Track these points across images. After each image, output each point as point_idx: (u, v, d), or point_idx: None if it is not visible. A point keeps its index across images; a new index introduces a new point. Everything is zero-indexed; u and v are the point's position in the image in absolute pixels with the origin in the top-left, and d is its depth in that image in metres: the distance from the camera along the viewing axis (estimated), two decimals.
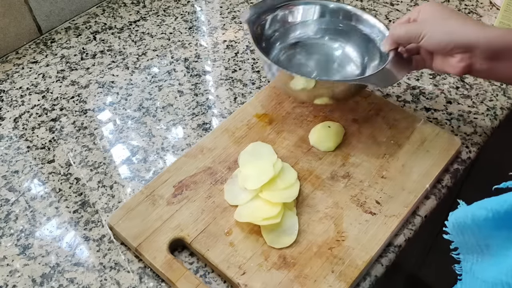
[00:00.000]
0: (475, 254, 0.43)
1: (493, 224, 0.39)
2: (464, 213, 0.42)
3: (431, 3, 0.58)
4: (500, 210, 0.38)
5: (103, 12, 0.94)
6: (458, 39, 0.53)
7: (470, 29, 0.53)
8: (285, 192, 0.60)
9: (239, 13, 0.92)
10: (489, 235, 0.40)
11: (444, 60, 0.57)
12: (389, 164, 0.64)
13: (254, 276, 0.55)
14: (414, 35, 0.56)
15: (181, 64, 0.83)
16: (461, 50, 0.53)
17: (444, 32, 0.54)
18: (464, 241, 0.43)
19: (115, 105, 0.77)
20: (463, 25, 0.53)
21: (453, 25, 0.54)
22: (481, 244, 0.41)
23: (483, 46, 0.52)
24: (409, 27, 0.57)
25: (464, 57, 0.54)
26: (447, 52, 0.55)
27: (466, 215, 0.42)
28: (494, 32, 0.52)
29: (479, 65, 0.54)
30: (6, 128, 0.74)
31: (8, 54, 0.86)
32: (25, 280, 0.57)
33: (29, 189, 0.66)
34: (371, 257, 0.56)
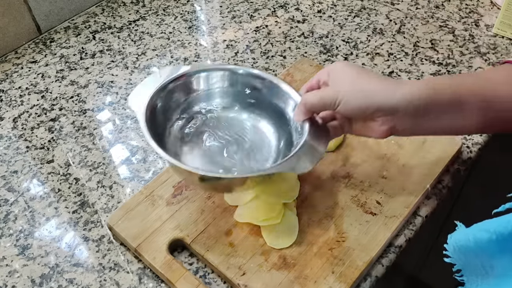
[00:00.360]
0: (479, 276, 0.42)
1: (497, 246, 0.38)
2: (465, 236, 0.41)
3: (340, 63, 0.53)
4: (504, 232, 0.37)
5: (103, 11, 0.94)
6: (377, 103, 0.48)
7: (388, 91, 0.48)
8: (285, 193, 0.59)
9: (238, 13, 0.92)
10: (494, 256, 0.39)
11: (364, 124, 0.52)
12: (390, 164, 0.64)
13: (254, 276, 0.54)
14: (329, 102, 0.50)
15: (180, 64, 0.83)
16: (381, 114, 0.49)
17: (361, 97, 0.49)
18: (467, 263, 0.41)
19: (114, 105, 0.77)
20: (380, 86, 0.49)
21: (369, 88, 0.49)
22: (486, 265, 0.40)
23: (404, 108, 0.48)
24: (322, 94, 0.51)
25: (386, 120, 0.49)
26: (366, 116, 0.50)
27: (467, 238, 0.40)
28: (413, 90, 0.48)
29: (401, 126, 0.50)
30: (5, 128, 0.74)
31: (7, 54, 0.86)
32: (24, 280, 0.57)
33: (28, 189, 0.66)
34: (372, 258, 0.56)
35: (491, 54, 0.82)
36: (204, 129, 0.62)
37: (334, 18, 0.90)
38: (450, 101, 0.48)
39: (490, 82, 0.48)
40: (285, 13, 0.92)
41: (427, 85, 0.48)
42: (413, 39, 0.85)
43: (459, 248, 0.41)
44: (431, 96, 0.47)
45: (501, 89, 0.48)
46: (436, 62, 0.81)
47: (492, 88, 0.48)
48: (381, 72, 0.79)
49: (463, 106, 0.48)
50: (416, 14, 0.90)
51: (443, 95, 0.48)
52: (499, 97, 0.47)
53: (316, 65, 0.78)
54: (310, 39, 0.86)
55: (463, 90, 0.48)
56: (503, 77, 0.48)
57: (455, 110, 0.48)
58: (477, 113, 0.48)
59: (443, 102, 0.48)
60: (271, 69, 0.81)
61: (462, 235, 0.41)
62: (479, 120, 0.49)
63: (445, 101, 0.48)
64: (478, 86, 0.48)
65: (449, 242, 0.42)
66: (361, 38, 0.86)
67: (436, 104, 0.47)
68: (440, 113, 0.48)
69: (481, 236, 0.39)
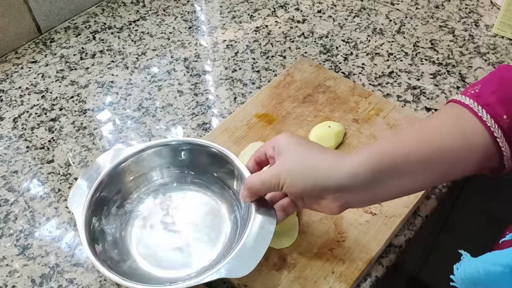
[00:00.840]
0: None
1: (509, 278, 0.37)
2: (475, 268, 0.39)
3: (284, 136, 0.50)
4: None
5: (103, 11, 0.94)
6: (323, 182, 0.46)
7: (332, 168, 0.46)
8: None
9: (239, 13, 0.92)
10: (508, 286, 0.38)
11: (315, 202, 0.49)
12: None
13: (254, 276, 0.54)
14: (273, 185, 0.48)
15: (180, 64, 0.83)
16: (329, 192, 0.46)
17: (305, 177, 0.47)
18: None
19: (114, 105, 0.77)
20: (324, 164, 0.46)
21: (313, 165, 0.47)
22: None
23: (350, 184, 0.45)
24: (264, 177, 0.49)
25: (336, 198, 0.46)
26: (314, 196, 0.48)
27: (477, 271, 0.39)
28: (355, 166, 0.45)
29: (353, 200, 0.47)
30: (5, 128, 0.74)
31: (7, 54, 0.86)
32: (24, 280, 0.57)
33: (28, 189, 0.66)
34: (372, 258, 0.56)
35: (491, 54, 0.82)
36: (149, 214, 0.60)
37: (334, 18, 0.90)
38: (392, 170, 0.45)
39: (433, 138, 0.46)
40: (285, 13, 0.92)
41: (368, 158, 0.45)
42: (413, 39, 0.85)
43: (469, 279, 0.40)
44: (374, 169, 0.45)
45: (444, 144, 0.45)
46: (436, 62, 0.81)
47: (435, 145, 0.45)
48: (381, 72, 0.79)
49: (404, 174, 0.45)
50: (416, 14, 0.90)
51: (384, 166, 0.45)
52: (441, 156, 0.45)
53: (316, 65, 0.78)
54: (310, 39, 0.86)
55: (401, 158, 0.45)
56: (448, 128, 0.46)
57: (399, 177, 0.45)
58: (421, 175, 0.46)
59: (387, 172, 0.45)
60: (271, 69, 0.81)
61: (471, 266, 0.40)
62: (425, 181, 0.47)
63: (387, 171, 0.45)
64: (420, 150, 0.46)
65: (456, 273, 0.41)
66: (361, 38, 0.86)
67: (379, 176, 0.45)
68: (387, 183, 0.46)
69: (493, 269, 0.38)
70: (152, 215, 0.59)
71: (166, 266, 0.55)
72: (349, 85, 0.74)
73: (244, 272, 0.48)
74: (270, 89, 0.74)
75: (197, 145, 0.60)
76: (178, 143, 0.60)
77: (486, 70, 0.79)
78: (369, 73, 0.79)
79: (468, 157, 0.45)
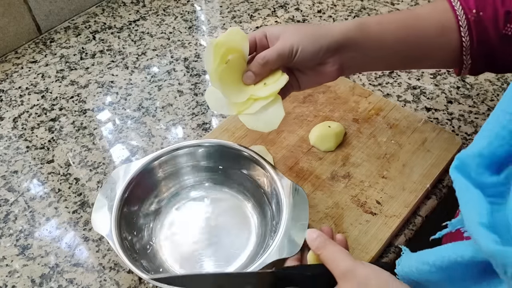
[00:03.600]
0: None
1: (437, 276, 0.39)
2: (408, 266, 0.42)
3: (272, 26, 0.55)
4: (442, 265, 0.38)
5: (103, 11, 0.94)
6: (326, 43, 0.52)
7: (329, 31, 0.52)
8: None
9: (239, 13, 0.92)
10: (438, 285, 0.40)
11: (313, 73, 0.54)
12: (390, 164, 0.64)
13: None
14: (287, 53, 0.52)
15: (180, 64, 0.83)
16: (330, 54, 0.52)
17: (313, 41, 0.52)
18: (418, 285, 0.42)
19: (114, 105, 0.77)
20: (322, 29, 0.53)
21: (315, 32, 0.52)
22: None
23: (345, 40, 0.52)
24: (279, 49, 0.52)
25: (335, 60, 0.53)
26: (319, 59, 0.53)
27: (411, 269, 0.41)
28: (350, 25, 0.53)
29: (348, 61, 0.54)
30: (5, 128, 0.74)
31: (7, 54, 0.86)
32: (24, 280, 0.57)
33: (28, 189, 0.66)
34: (372, 258, 0.56)
35: None
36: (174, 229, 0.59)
37: (334, 18, 0.90)
38: (373, 30, 0.53)
39: (411, 14, 0.55)
40: (285, 13, 0.92)
41: (355, 21, 0.54)
42: None
43: (407, 275, 0.42)
44: (360, 28, 0.53)
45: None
46: None
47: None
48: (381, 72, 0.79)
49: (385, 44, 0.54)
50: None
51: (369, 30, 0.53)
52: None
53: None
54: None
55: (385, 30, 0.54)
56: (427, 11, 0.55)
57: (380, 38, 0.54)
58: (395, 42, 0.54)
59: (371, 36, 0.53)
60: None
61: (407, 263, 0.42)
62: (397, 51, 0.55)
63: (369, 30, 0.53)
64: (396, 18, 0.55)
65: (397, 269, 0.43)
66: None
67: (364, 34, 0.53)
68: (370, 43, 0.53)
69: (423, 268, 0.40)
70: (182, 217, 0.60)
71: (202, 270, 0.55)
72: (349, 85, 0.74)
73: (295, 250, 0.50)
74: None
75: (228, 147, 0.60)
76: (210, 144, 0.61)
77: None
78: (369, 73, 0.79)
79: (438, 41, 0.53)
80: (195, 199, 0.62)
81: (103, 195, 0.55)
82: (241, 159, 0.59)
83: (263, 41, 0.54)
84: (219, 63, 0.52)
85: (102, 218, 0.54)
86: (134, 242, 0.56)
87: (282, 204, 0.53)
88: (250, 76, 0.54)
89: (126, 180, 0.56)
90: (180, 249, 0.57)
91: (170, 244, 0.58)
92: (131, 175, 0.57)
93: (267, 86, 0.53)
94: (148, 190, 0.60)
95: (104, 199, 0.55)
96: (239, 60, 0.54)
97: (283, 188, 0.55)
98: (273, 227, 0.55)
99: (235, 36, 0.53)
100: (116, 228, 0.53)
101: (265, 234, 0.57)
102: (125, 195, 0.56)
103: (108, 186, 0.56)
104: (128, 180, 0.56)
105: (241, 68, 0.54)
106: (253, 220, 0.59)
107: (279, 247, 0.50)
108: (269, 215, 0.57)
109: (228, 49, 0.52)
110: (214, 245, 0.57)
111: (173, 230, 0.59)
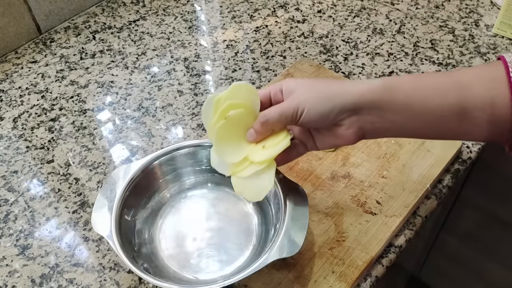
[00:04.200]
0: None
1: None
2: None
3: (291, 79, 0.49)
4: None
5: (103, 11, 0.94)
6: (340, 103, 0.45)
7: (347, 89, 0.46)
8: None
9: (239, 13, 0.92)
10: None
11: (329, 133, 0.48)
12: (390, 164, 0.64)
13: (254, 276, 0.54)
14: (290, 115, 0.47)
15: (180, 64, 0.83)
16: (346, 115, 0.46)
17: (323, 101, 0.46)
18: None
19: (114, 105, 0.77)
20: (339, 88, 0.46)
21: (328, 91, 0.47)
22: None
23: (366, 103, 0.45)
24: (282, 108, 0.48)
25: (352, 122, 0.46)
26: (331, 121, 0.47)
27: None
28: (373, 85, 0.46)
29: (369, 125, 0.47)
30: (5, 128, 0.74)
31: (7, 54, 0.86)
32: (24, 280, 0.57)
33: (28, 189, 0.66)
34: (372, 258, 0.56)
35: (491, 54, 0.82)
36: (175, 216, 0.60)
37: (334, 18, 0.90)
38: (403, 101, 0.45)
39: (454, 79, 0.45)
40: (285, 13, 0.92)
41: (381, 80, 0.46)
42: (413, 39, 0.85)
43: None
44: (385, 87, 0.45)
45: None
46: (436, 62, 0.81)
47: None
48: (381, 72, 0.79)
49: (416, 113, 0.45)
50: (416, 14, 0.90)
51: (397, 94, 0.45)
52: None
53: (316, 65, 0.78)
54: (310, 39, 0.86)
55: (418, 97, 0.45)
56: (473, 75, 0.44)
57: (407, 113, 0.45)
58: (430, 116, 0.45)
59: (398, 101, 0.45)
60: (271, 69, 0.81)
61: None
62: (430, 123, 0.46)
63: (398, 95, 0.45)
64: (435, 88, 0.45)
65: None
66: (361, 38, 0.86)
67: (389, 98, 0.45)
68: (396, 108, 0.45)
69: None
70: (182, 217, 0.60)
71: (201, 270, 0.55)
72: None
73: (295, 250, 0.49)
74: None
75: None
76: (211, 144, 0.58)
77: None
78: (369, 73, 0.79)
79: (485, 118, 0.43)
80: (196, 199, 0.62)
81: (103, 195, 0.55)
82: None
83: (277, 96, 0.50)
84: (218, 119, 0.49)
85: (102, 218, 0.53)
86: (134, 242, 0.56)
87: (282, 204, 0.53)
88: (251, 134, 0.50)
89: (126, 180, 0.56)
90: (180, 249, 0.57)
91: (170, 244, 0.58)
92: (131, 175, 0.57)
93: (265, 149, 0.49)
94: (148, 190, 0.60)
95: (104, 199, 0.55)
96: (244, 116, 0.50)
97: (283, 188, 0.55)
98: (273, 226, 0.55)
99: (239, 91, 0.49)
100: (116, 229, 0.53)
101: (265, 234, 0.57)
102: (125, 195, 0.56)
103: (108, 186, 0.56)
104: (128, 181, 0.56)
105: (246, 124, 0.50)
106: (253, 220, 0.59)
107: (279, 247, 0.50)
108: (269, 215, 0.57)
109: (231, 105, 0.49)
110: (214, 245, 0.57)
111: (174, 230, 0.59)
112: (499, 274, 1.04)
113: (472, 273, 1.08)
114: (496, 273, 1.04)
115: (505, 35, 0.85)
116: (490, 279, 1.08)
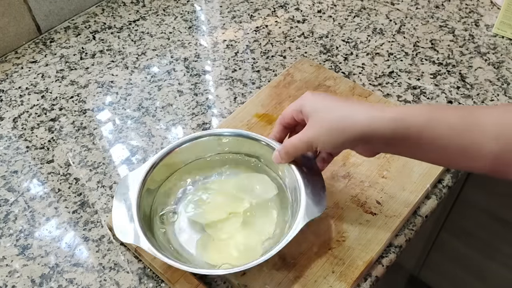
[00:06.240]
0: None
1: None
2: None
3: (308, 96, 0.53)
4: None
5: (103, 11, 0.94)
6: (351, 135, 0.48)
7: (359, 119, 0.48)
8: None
9: (238, 13, 0.92)
10: None
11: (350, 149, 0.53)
12: (390, 164, 0.64)
13: (254, 276, 0.54)
14: (306, 149, 0.53)
15: (180, 64, 0.83)
16: (359, 143, 0.50)
17: (335, 135, 0.49)
18: None
19: (114, 104, 0.77)
20: (350, 117, 0.48)
21: (340, 123, 0.49)
22: None
23: (377, 136, 0.47)
24: (296, 144, 0.53)
25: (366, 148, 0.51)
26: (346, 148, 0.52)
27: None
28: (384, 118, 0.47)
29: (382, 150, 0.51)
30: (5, 128, 0.74)
31: (7, 54, 0.86)
32: (24, 280, 0.57)
33: (28, 189, 0.66)
34: (372, 258, 0.56)
35: (491, 54, 0.82)
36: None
37: (334, 18, 0.90)
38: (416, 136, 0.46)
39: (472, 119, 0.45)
40: (285, 13, 0.92)
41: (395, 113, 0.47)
42: (413, 39, 0.85)
43: None
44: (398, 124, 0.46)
45: None
46: (436, 62, 0.81)
47: None
48: (381, 72, 0.79)
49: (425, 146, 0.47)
50: (416, 14, 0.90)
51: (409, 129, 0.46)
52: None
53: (316, 65, 0.78)
54: (310, 39, 0.86)
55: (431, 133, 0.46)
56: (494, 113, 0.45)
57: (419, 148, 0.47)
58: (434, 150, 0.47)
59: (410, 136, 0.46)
60: (271, 69, 0.81)
61: None
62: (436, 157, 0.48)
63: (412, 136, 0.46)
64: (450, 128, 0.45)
65: None
66: (361, 38, 0.86)
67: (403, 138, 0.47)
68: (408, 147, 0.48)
69: None
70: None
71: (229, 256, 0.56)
72: (349, 85, 0.74)
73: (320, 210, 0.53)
74: (270, 89, 0.74)
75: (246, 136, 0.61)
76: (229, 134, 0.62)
77: (486, 70, 0.79)
78: (369, 73, 0.79)
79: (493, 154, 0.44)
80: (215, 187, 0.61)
81: (119, 200, 0.55)
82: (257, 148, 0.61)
83: (299, 116, 0.54)
84: None
85: (124, 224, 0.53)
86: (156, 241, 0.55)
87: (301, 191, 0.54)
88: (276, 157, 0.56)
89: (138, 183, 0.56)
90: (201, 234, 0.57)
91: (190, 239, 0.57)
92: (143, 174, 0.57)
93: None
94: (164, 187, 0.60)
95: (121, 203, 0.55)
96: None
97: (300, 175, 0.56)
98: (293, 212, 0.56)
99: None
100: (143, 233, 0.52)
101: (284, 222, 0.57)
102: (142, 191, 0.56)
103: (121, 190, 0.56)
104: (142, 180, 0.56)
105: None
106: (274, 210, 0.59)
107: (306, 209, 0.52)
108: (288, 201, 0.58)
109: None
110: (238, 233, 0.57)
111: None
112: (499, 274, 1.04)
113: (472, 273, 1.08)
114: (496, 273, 1.04)
115: (505, 35, 0.85)
116: (490, 279, 1.08)
